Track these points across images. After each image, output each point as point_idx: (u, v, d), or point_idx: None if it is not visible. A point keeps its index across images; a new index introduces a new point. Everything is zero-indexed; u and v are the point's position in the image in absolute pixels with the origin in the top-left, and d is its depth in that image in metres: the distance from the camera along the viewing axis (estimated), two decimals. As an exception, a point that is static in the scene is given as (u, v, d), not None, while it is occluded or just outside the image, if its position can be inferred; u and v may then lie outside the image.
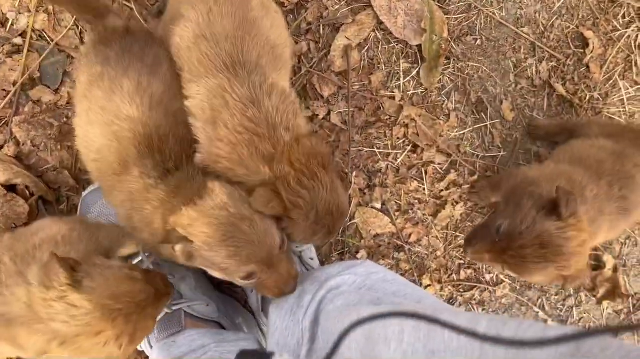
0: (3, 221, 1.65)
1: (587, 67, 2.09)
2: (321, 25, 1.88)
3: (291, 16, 1.86)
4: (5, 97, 1.68)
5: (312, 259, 1.74)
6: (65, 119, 1.71)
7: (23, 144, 1.69)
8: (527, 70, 2.04)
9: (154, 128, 1.24)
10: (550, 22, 2.05)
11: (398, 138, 1.94)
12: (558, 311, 2.12)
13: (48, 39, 1.70)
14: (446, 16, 1.94)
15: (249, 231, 1.16)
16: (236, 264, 1.17)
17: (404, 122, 1.91)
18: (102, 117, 1.24)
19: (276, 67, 1.36)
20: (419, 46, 1.92)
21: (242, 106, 1.23)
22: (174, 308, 1.54)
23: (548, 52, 2.05)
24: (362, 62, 1.91)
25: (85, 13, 1.38)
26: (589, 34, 2.06)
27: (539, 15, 2.04)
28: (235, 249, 1.15)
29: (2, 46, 1.67)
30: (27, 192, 1.69)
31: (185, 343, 1.40)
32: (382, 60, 1.93)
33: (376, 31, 1.92)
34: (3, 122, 1.69)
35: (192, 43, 1.31)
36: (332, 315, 1.20)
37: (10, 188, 1.67)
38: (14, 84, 1.69)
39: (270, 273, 1.23)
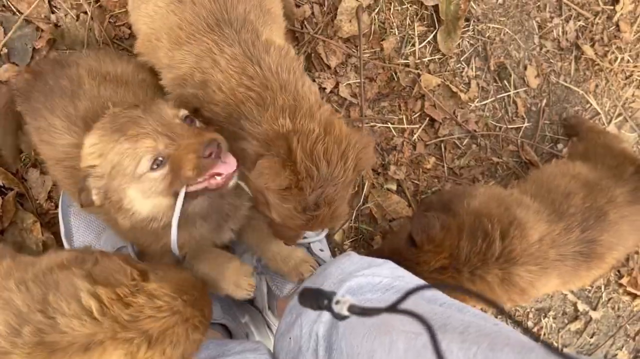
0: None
1: (617, 25, 1.91)
2: (326, -14, 1.66)
3: (291, -25, 1.64)
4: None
5: (322, 250, 1.57)
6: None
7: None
8: (552, 31, 1.86)
9: None
10: (578, -24, 1.85)
11: (414, 111, 1.75)
12: (586, 293, 1.97)
13: (14, 10, 1.47)
14: (464, -28, 1.73)
15: (132, 114, 1.02)
16: (131, 149, 0.98)
17: (420, 94, 1.72)
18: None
19: (266, 23, 1.19)
20: (436, 6, 1.72)
21: (238, 64, 1.07)
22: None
23: (575, 9, 1.86)
24: (373, 26, 1.70)
25: None
26: (619, -12, 1.87)
27: (566, -31, 1.84)
28: (121, 132, 0.99)
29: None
30: (2, 190, 1.49)
31: None
32: (394, 24, 1.72)
33: (387, -10, 1.71)
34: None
35: (168, 8, 1.15)
36: (359, 331, 1.02)
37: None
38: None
39: (177, 142, 0.99)
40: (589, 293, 1.97)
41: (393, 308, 0.73)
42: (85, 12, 1.51)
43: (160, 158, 0.99)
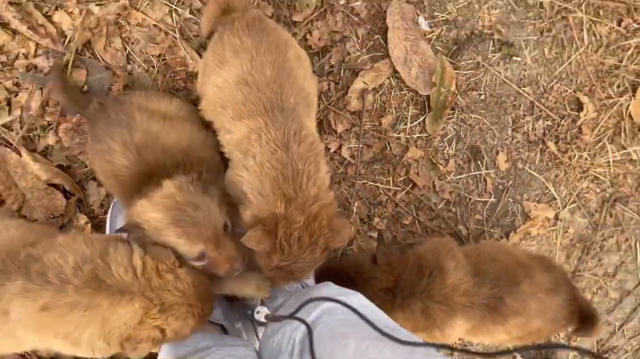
0: (42, 211, 1.86)
1: (580, 129, 2.28)
2: (342, 69, 2.08)
3: (316, 58, 2.06)
4: (55, 104, 1.88)
5: (308, 278, 1.94)
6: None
7: (67, 148, 1.89)
8: (524, 126, 2.24)
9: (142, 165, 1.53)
10: (550, 85, 2.25)
11: (400, 176, 2.14)
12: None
13: (99, 57, 1.91)
14: (455, 71, 2.14)
15: (194, 214, 1.34)
16: (186, 244, 1.34)
17: (407, 162, 2.12)
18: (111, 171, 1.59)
19: (308, 114, 1.57)
20: (428, 96, 2.12)
21: (273, 146, 1.43)
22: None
23: (545, 111, 2.25)
24: (375, 105, 2.11)
25: (74, 105, 1.79)
26: (584, 98, 2.26)
27: (541, 78, 2.24)
28: (183, 230, 1.33)
29: (55, 59, 1.88)
30: (66, 193, 1.89)
31: (191, 344, 1.57)
32: (393, 105, 2.13)
33: (391, 79, 2.12)
34: (50, 127, 1.90)
35: (235, 86, 1.51)
36: (324, 338, 1.39)
37: (51, 185, 1.88)
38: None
39: (218, 251, 1.39)
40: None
41: (292, 316, 1.21)
42: (154, 66, 1.94)
43: (203, 259, 1.39)
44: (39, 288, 1.20)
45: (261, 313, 1.25)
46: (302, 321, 1.17)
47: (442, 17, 2.15)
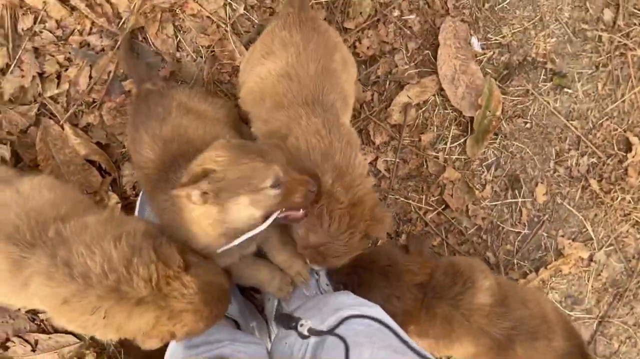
0: (76, 186, 1.89)
1: (626, 170, 2.20)
2: (388, 80, 2.06)
3: (363, 66, 2.05)
4: (103, 83, 1.91)
5: (327, 285, 1.91)
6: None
7: (108, 127, 1.92)
8: (567, 160, 2.17)
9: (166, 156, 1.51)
10: (600, 122, 2.17)
11: (433, 195, 2.09)
12: None
13: (151, 42, 1.93)
14: (503, 96, 2.09)
15: (256, 146, 1.31)
16: (262, 168, 1.24)
17: (442, 183, 2.07)
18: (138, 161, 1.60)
19: (345, 113, 1.57)
20: (472, 118, 2.08)
21: (315, 127, 1.43)
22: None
23: (592, 148, 2.17)
24: (417, 121, 2.08)
25: (135, 77, 1.82)
26: (634, 139, 2.18)
27: (591, 113, 2.17)
28: (256, 155, 1.25)
29: (109, 39, 1.91)
30: (101, 171, 1.92)
31: (203, 335, 1.57)
32: (435, 123, 2.09)
33: (436, 96, 2.08)
34: (94, 104, 1.93)
35: (278, 78, 1.52)
36: (338, 344, 1.35)
37: (88, 161, 1.91)
38: (109, 73, 1.92)
39: (290, 174, 1.30)
40: None
41: (331, 331, 1.24)
42: (202, 56, 1.96)
43: (279, 182, 1.28)
44: (62, 280, 1.22)
45: (305, 326, 1.23)
46: (343, 340, 1.20)
47: (495, 39, 2.11)
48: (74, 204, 1.47)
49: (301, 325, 1.21)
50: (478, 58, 2.10)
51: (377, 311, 1.57)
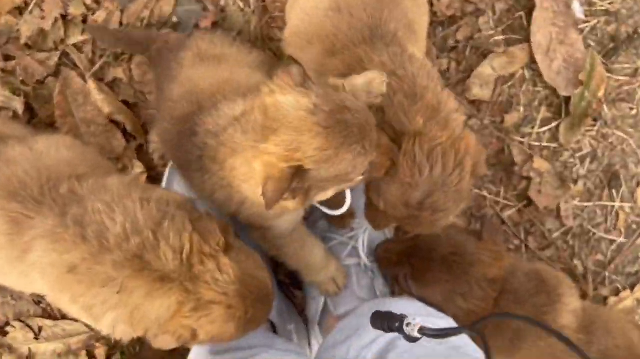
0: (98, 149, 1.61)
1: None
2: (468, 47, 1.73)
3: (440, 28, 1.73)
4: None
5: (384, 286, 1.59)
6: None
7: (137, 83, 1.64)
8: (679, 159, 1.81)
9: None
10: None
11: (515, 189, 1.75)
12: None
13: (191, -15, 1.66)
14: (607, 74, 1.74)
15: (353, 119, 0.98)
16: (363, 162, 1.01)
17: (528, 175, 1.72)
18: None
19: (412, 41, 1.27)
20: (568, 98, 1.73)
21: (387, 69, 1.15)
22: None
23: None
24: (501, 98, 1.74)
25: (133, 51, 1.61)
26: None
27: None
28: (357, 147, 0.98)
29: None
30: (126, 135, 1.66)
31: None
32: (522, 102, 1.75)
33: (525, 69, 1.75)
34: (122, 57, 1.66)
35: (326, 13, 1.25)
36: None
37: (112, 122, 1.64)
38: (142, 21, 1.65)
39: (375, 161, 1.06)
40: None
41: (460, 330, 0.93)
42: (250, 7, 1.66)
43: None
44: (72, 242, 0.97)
45: (414, 326, 0.87)
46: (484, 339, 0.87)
47: (601, 5, 1.77)
48: (93, 165, 1.22)
49: (407, 324, 0.88)
50: (579, 27, 1.75)
51: (448, 322, 1.27)
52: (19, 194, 1.05)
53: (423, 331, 0.87)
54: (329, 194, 1.08)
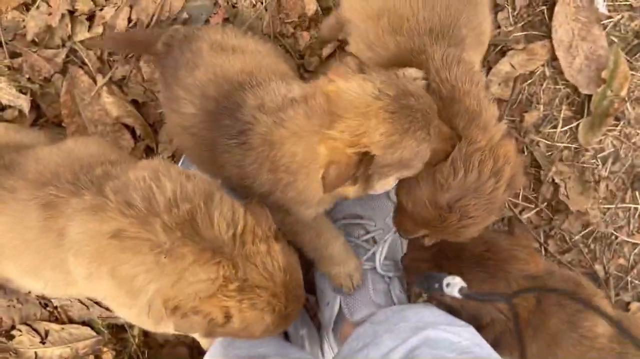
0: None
1: None
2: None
3: (458, 25, 1.66)
4: (145, 28, 1.59)
5: (401, 292, 1.54)
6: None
7: (146, 82, 1.59)
8: None
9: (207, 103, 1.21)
10: None
11: (534, 191, 1.69)
12: None
13: (202, -18, 1.61)
14: (631, 72, 1.67)
15: (417, 105, 0.98)
16: (427, 149, 1.01)
17: (548, 177, 1.66)
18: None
19: (477, 51, 1.29)
20: (588, 96, 1.67)
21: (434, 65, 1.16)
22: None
23: None
24: (520, 96, 1.68)
25: (137, 51, 1.55)
26: None
27: None
28: (421, 133, 0.99)
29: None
30: (135, 134, 1.61)
31: (244, 346, 1.24)
32: (542, 100, 1.69)
33: (546, 66, 1.68)
34: (131, 54, 1.61)
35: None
36: None
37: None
38: (152, 17, 1.61)
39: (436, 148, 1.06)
40: None
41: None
42: (262, 2, 1.61)
43: None
44: (115, 209, 0.91)
45: (453, 286, 0.86)
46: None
47: (625, 0, 1.69)
48: (123, 155, 1.23)
49: (447, 284, 0.85)
50: (602, 22, 1.68)
51: (469, 332, 1.21)
52: (51, 183, 1.02)
53: (462, 290, 0.91)
54: (390, 181, 1.08)
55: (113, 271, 0.94)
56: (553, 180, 1.67)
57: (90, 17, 1.60)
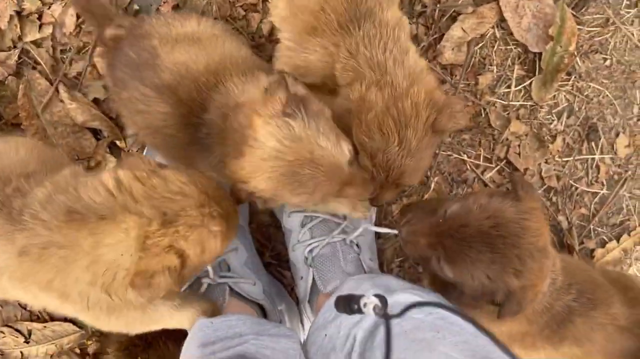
0: (67, 150, 1.58)
1: None
2: (437, 10, 1.69)
3: (407, -6, 1.69)
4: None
5: (371, 260, 1.58)
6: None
7: (102, 77, 1.60)
8: (655, 104, 1.79)
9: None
10: (695, 56, 1.78)
11: (492, 150, 1.73)
12: None
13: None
14: (578, 27, 1.71)
15: (312, 173, 1.06)
16: (310, 201, 1.12)
17: (506, 138, 1.71)
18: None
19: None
20: (539, 54, 1.71)
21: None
22: (219, 280, 1.43)
23: (684, 89, 1.79)
24: (473, 59, 1.71)
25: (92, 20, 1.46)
26: None
27: (683, 46, 1.78)
28: (304, 191, 1.08)
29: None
30: (96, 132, 1.62)
31: (222, 328, 1.25)
32: (494, 62, 1.73)
33: (495, 28, 1.71)
34: (85, 49, 1.61)
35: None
36: (398, 344, 1.03)
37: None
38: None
39: (347, 189, 1.14)
40: None
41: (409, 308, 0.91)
42: (211, -13, 1.62)
43: None
44: (14, 228, 0.95)
45: (368, 304, 0.86)
46: (386, 318, 0.82)
47: (568, -43, 1.72)
48: (53, 162, 1.19)
49: (364, 305, 0.86)
50: (547, -20, 1.71)
51: (436, 295, 1.26)
52: None
53: (375, 309, 0.85)
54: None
55: (37, 283, 0.97)
56: (507, 139, 1.71)
57: (39, 16, 1.58)
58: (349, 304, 0.89)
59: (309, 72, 1.25)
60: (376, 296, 0.90)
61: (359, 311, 0.88)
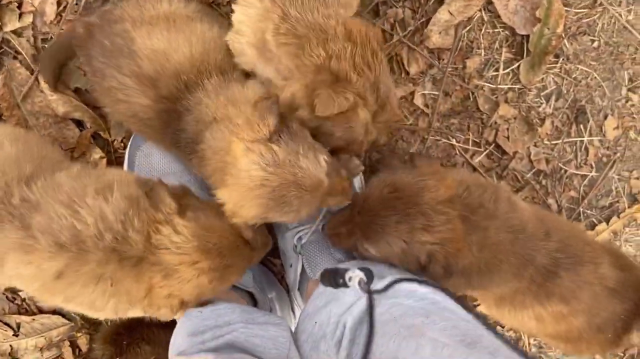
0: (50, 141, 1.55)
1: None
2: (423, -7, 1.68)
3: (392, -23, 1.67)
4: (75, 11, 1.55)
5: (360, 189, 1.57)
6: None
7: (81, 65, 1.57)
8: (643, 86, 1.79)
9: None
10: (683, 37, 1.78)
11: (481, 134, 1.73)
12: None
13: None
14: (565, 9, 1.70)
15: (297, 193, 1.09)
16: (297, 218, 1.16)
17: (494, 121, 1.70)
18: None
19: None
20: (527, 37, 1.70)
21: None
22: (210, 270, 1.42)
23: (672, 69, 1.79)
24: (461, 43, 1.70)
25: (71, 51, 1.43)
26: None
27: (671, 26, 1.78)
28: (290, 210, 1.12)
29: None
30: (80, 123, 1.60)
31: (211, 317, 1.25)
32: (482, 45, 1.71)
33: (483, 11, 1.70)
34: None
35: None
36: (387, 330, 1.03)
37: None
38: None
39: (328, 199, 1.17)
40: None
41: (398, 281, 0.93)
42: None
43: None
44: (47, 251, 0.99)
45: (353, 278, 0.91)
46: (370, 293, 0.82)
47: (554, -63, 1.70)
48: (41, 157, 1.18)
49: (349, 279, 0.87)
50: (534, -39, 1.70)
51: (427, 282, 1.25)
52: None
53: (360, 284, 0.87)
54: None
55: (68, 299, 1.06)
56: (496, 122, 1.70)
57: (19, 5, 1.55)
58: (334, 277, 0.91)
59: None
60: (362, 269, 0.90)
61: (344, 284, 0.89)
